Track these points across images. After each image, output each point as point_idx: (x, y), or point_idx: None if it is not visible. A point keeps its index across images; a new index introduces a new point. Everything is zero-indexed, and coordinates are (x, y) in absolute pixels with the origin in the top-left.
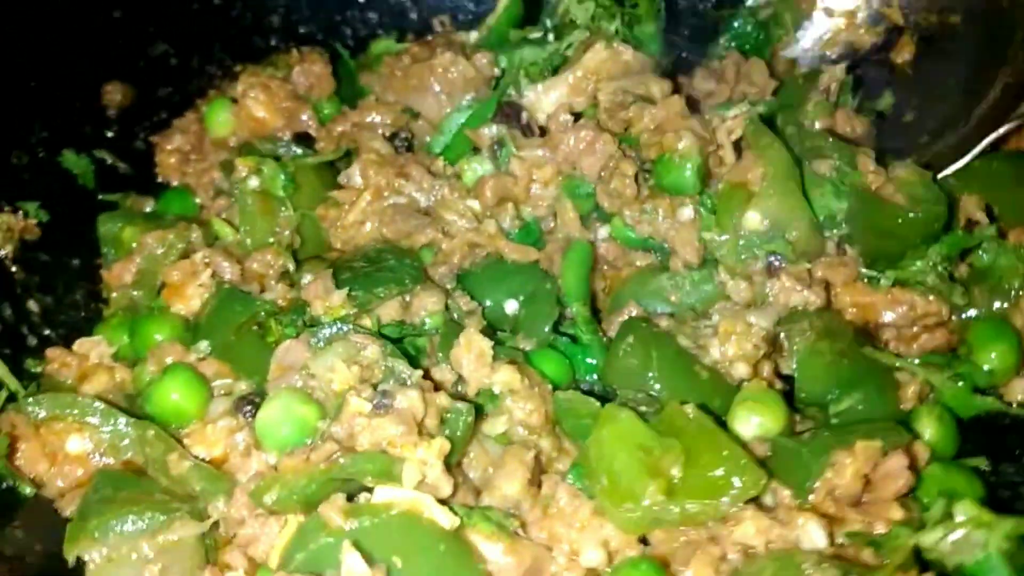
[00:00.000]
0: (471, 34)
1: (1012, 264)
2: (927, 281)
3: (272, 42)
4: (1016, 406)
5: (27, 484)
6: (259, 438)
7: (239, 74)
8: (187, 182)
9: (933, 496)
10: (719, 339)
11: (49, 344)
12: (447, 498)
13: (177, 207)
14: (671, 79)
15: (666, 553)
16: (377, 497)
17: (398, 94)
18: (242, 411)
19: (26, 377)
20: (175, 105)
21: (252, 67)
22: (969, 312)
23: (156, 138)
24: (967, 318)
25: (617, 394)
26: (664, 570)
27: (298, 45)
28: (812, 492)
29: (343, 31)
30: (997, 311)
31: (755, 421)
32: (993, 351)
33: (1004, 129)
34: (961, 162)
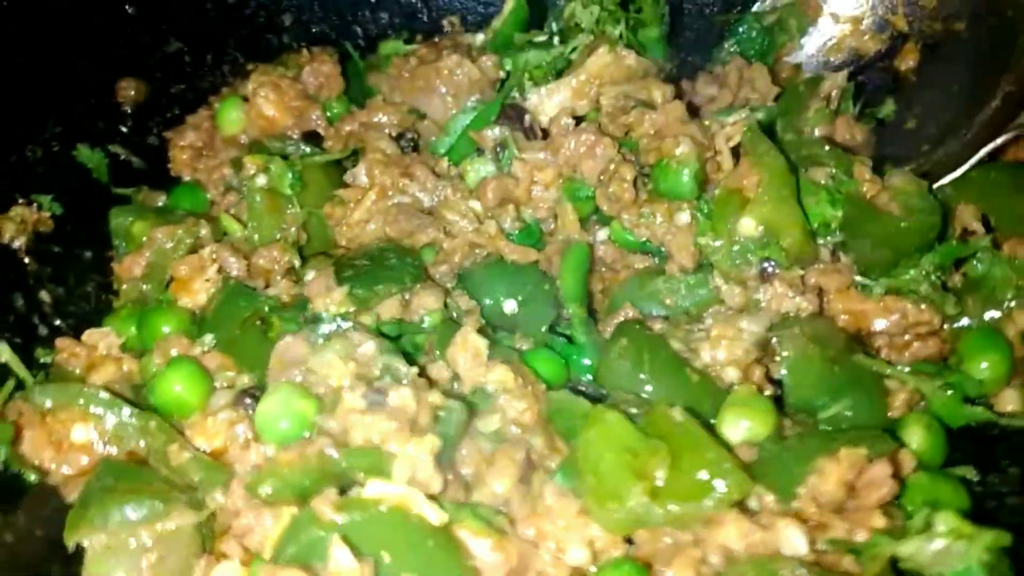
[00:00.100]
0: (478, 36)
1: (1006, 275)
2: (920, 290)
3: (284, 41)
4: (1006, 417)
5: (32, 471)
6: (258, 431)
7: (251, 72)
8: (198, 178)
9: (917, 505)
10: (711, 343)
11: (60, 334)
12: (437, 494)
13: (188, 202)
14: (674, 84)
15: (650, 553)
16: (368, 492)
17: (405, 95)
18: (243, 404)
19: (36, 366)
20: (188, 102)
21: (263, 66)
22: (962, 321)
23: (169, 134)
24: (959, 327)
25: (610, 395)
26: (647, 570)
27: (310, 44)
28: (796, 498)
29: (354, 31)
30: (989, 321)
31: (743, 425)
32: (984, 361)
33: (1002, 139)
34: (959, 171)
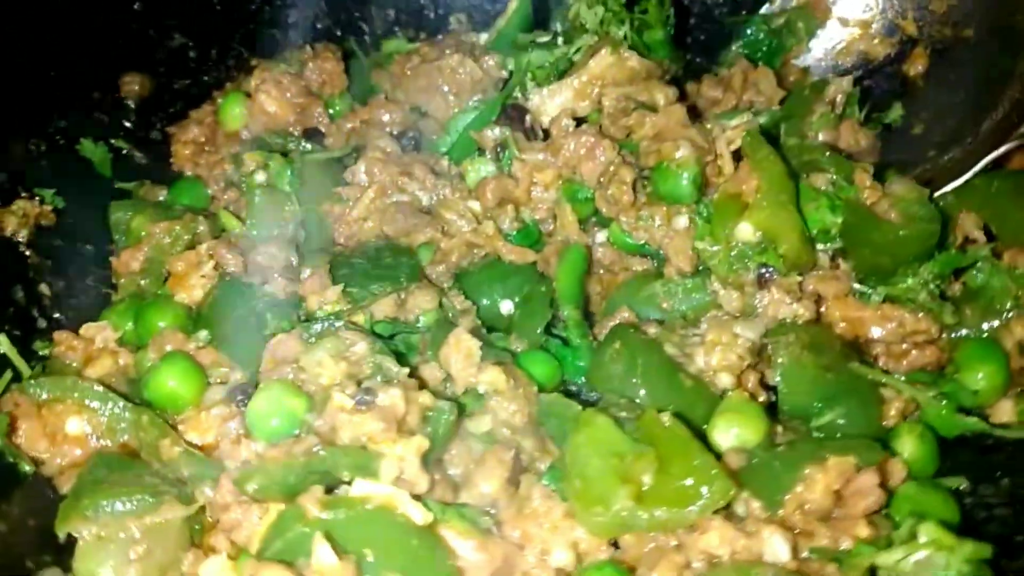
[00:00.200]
0: (482, 36)
1: (1005, 285)
2: (918, 298)
3: (290, 37)
4: (1000, 428)
5: (27, 462)
6: (249, 427)
7: (254, 68)
8: (200, 173)
9: (905, 515)
10: (705, 348)
11: (59, 327)
12: (424, 494)
13: (188, 197)
14: (680, 86)
15: (636, 557)
16: (355, 490)
17: (407, 93)
18: (235, 400)
19: (34, 358)
20: (192, 97)
21: (266, 62)
22: (960, 331)
23: (172, 129)
24: (957, 337)
25: (602, 398)
26: (630, 574)
27: (315, 40)
28: (782, 505)
29: (360, 27)
30: (987, 331)
31: (734, 432)
32: (980, 371)
33: (1005, 148)
34: (961, 179)
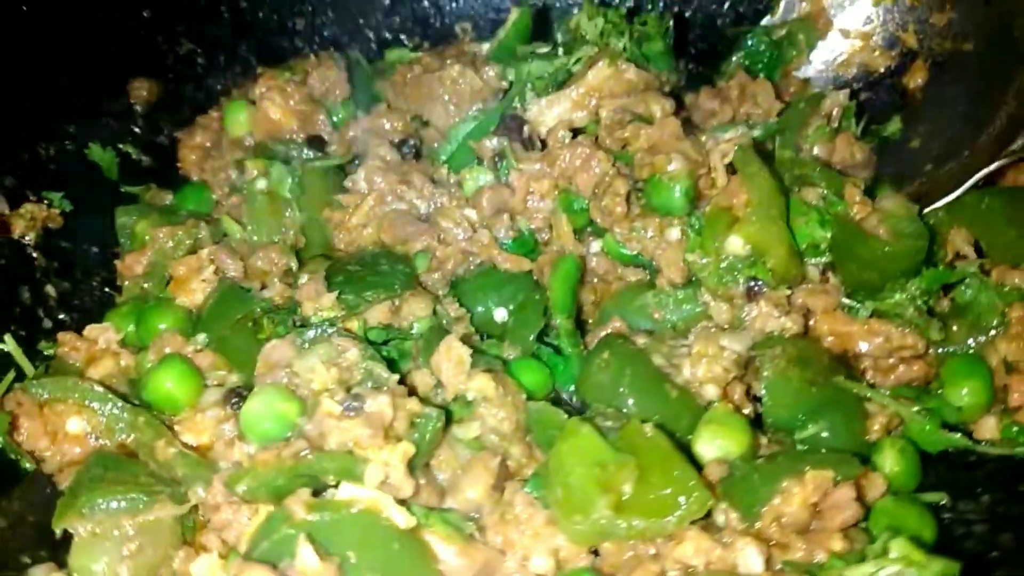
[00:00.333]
0: (484, 46)
1: (992, 302)
2: (905, 314)
3: (296, 44)
4: (984, 444)
5: (28, 460)
6: (243, 430)
7: (259, 76)
8: (205, 178)
9: (881, 529)
10: (691, 360)
11: (64, 328)
12: (408, 499)
13: (193, 202)
14: (678, 97)
15: (616, 565)
16: (340, 494)
17: (409, 102)
18: (230, 403)
19: (39, 358)
20: (199, 103)
21: (270, 70)
22: (948, 347)
23: (179, 134)
24: (945, 352)
25: (590, 407)
26: None
27: (321, 48)
28: (759, 517)
29: (366, 35)
30: (973, 348)
31: (716, 443)
32: (965, 387)
33: (996, 165)
34: (953, 195)
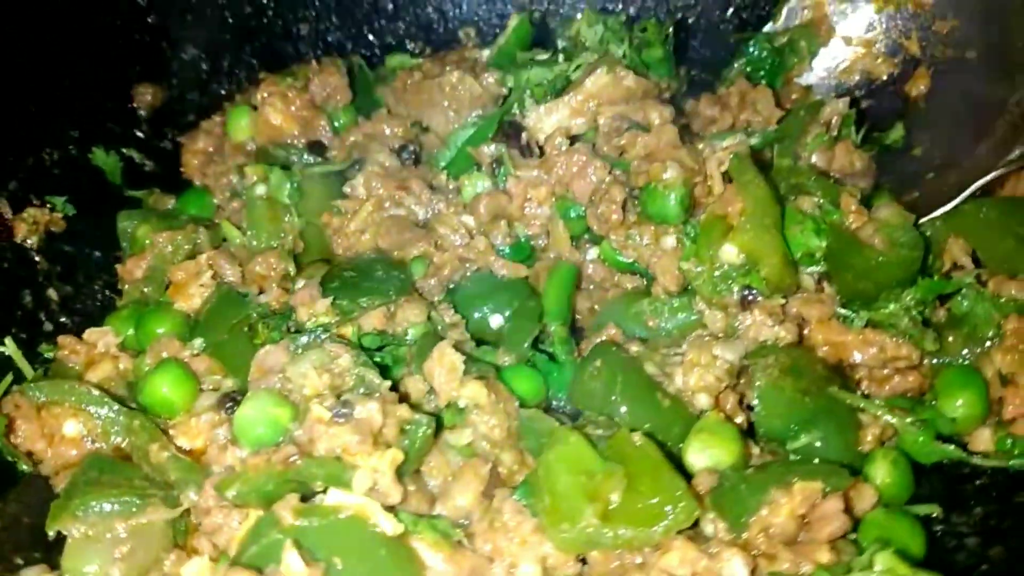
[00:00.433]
0: (485, 52)
1: (988, 313)
2: (899, 324)
3: (300, 50)
4: (978, 456)
5: (24, 462)
6: (236, 434)
7: (261, 81)
8: (207, 183)
9: (871, 541)
10: (683, 369)
11: (65, 331)
12: (397, 505)
13: (195, 207)
14: (678, 104)
15: (602, 574)
16: (328, 500)
17: (409, 108)
18: (224, 407)
19: (39, 361)
20: (203, 108)
21: (272, 76)
22: (943, 358)
23: (183, 139)
24: (940, 363)
25: (582, 415)
26: None
27: (325, 54)
28: (747, 528)
29: (370, 41)
30: (968, 359)
31: (707, 453)
32: (959, 399)
33: (993, 175)
34: (950, 204)
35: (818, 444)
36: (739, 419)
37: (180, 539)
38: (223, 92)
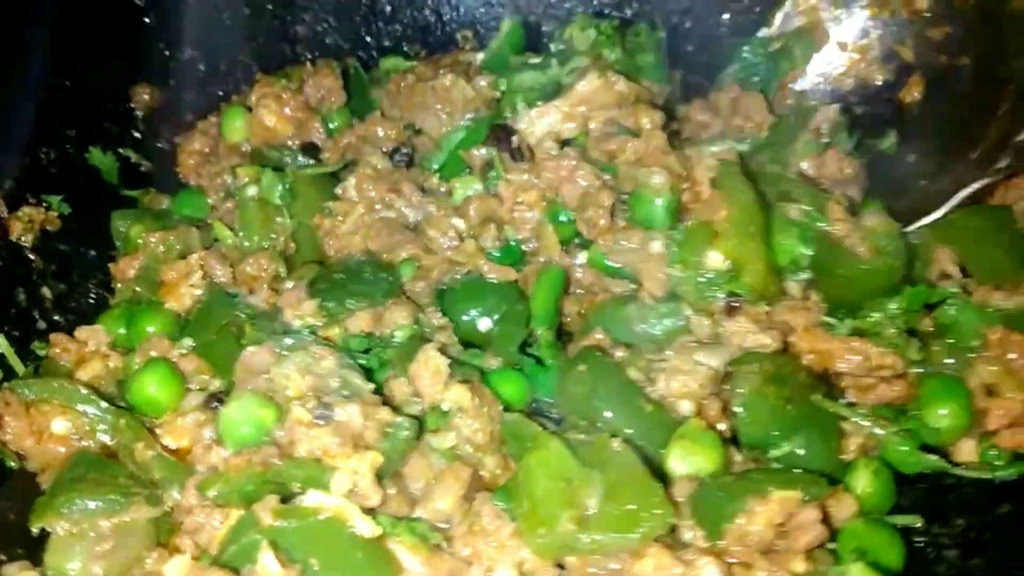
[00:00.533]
0: (479, 55)
1: (973, 322)
2: (884, 333)
3: (297, 51)
4: (960, 467)
5: (12, 458)
6: (221, 434)
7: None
8: (202, 183)
9: (848, 551)
10: (666, 375)
11: (58, 329)
12: (377, 507)
13: (189, 207)
14: (672, 109)
15: None
16: (307, 501)
17: (403, 110)
18: (210, 407)
19: (32, 358)
20: (201, 108)
21: (266, 77)
22: (928, 368)
23: (180, 139)
24: (925, 373)
25: (565, 420)
26: None
27: (322, 55)
28: (723, 536)
29: (368, 43)
30: (953, 368)
31: (688, 460)
32: (943, 408)
33: (978, 184)
34: (938, 213)
35: (800, 452)
36: (722, 426)
37: (163, 538)
38: (220, 93)
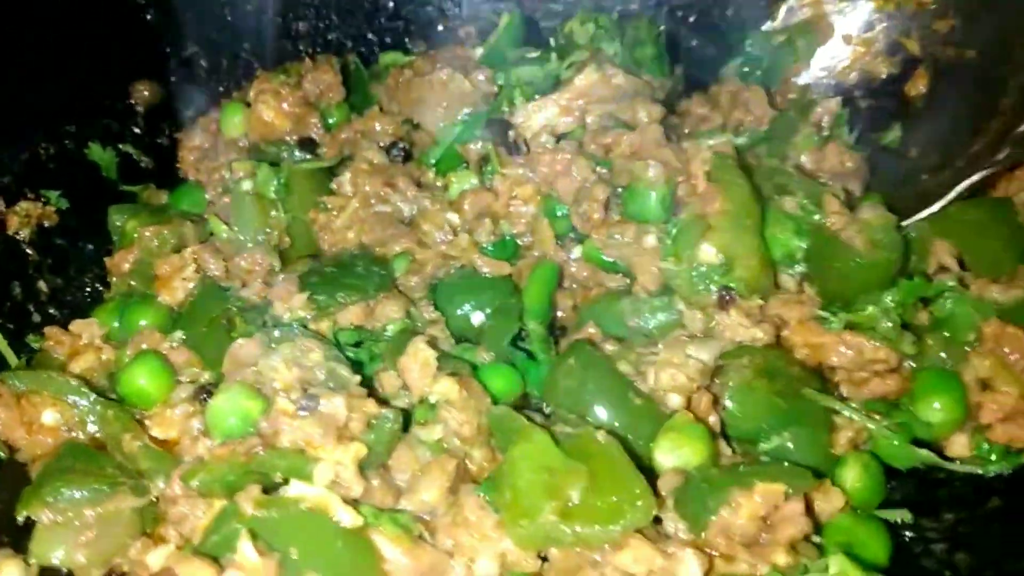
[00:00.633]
0: (477, 50)
1: (968, 316)
2: (878, 327)
3: (299, 47)
4: (952, 462)
5: (2, 449)
6: (208, 426)
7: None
8: (201, 178)
9: (834, 545)
10: (656, 368)
11: (53, 322)
12: (360, 498)
13: (187, 202)
14: (673, 103)
15: (562, 571)
16: (289, 491)
17: (401, 105)
18: (199, 399)
19: (26, 351)
20: (201, 104)
21: (265, 73)
22: (922, 361)
23: (180, 135)
24: (919, 367)
25: (554, 413)
26: None
27: (324, 51)
28: (706, 528)
29: (370, 39)
30: (946, 362)
31: (676, 452)
32: (936, 402)
33: (978, 176)
34: (936, 206)
35: (790, 446)
36: (712, 419)
37: (149, 527)
38: (221, 89)
